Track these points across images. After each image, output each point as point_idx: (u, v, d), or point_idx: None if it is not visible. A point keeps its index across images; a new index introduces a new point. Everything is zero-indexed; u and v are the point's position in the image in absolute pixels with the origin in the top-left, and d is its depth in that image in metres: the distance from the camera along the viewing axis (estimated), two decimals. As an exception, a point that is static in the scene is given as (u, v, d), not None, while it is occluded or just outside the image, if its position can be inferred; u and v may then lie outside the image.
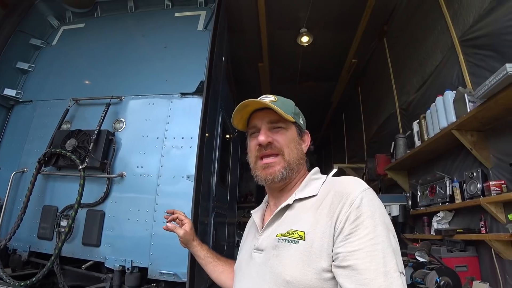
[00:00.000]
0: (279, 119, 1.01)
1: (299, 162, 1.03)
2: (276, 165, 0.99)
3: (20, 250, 2.59)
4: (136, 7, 3.54)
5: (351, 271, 0.74)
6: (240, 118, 1.07)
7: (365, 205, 0.80)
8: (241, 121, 1.09)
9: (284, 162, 0.99)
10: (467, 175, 2.38)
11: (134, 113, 2.88)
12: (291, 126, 1.04)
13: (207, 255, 1.33)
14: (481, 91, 1.93)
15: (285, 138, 1.01)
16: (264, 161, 1.01)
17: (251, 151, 1.06)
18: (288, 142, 1.01)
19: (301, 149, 1.05)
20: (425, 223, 2.97)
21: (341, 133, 7.42)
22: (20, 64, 3.29)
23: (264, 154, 1.01)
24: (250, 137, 1.07)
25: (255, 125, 1.05)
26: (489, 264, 2.24)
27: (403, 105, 3.91)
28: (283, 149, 1.00)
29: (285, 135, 1.02)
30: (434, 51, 3.15)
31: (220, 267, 1.30)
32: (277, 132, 1.02)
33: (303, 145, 1.07)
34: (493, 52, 2.25)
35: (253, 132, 1.06)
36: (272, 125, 1.02)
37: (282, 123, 1.02)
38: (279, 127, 1.02)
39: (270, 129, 1.02)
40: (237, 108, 1.03)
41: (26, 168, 2.81)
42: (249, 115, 1.07)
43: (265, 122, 1.03)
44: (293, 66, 5.55)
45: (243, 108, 1.03)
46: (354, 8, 4.16)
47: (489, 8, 2.28)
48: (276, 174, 0.98)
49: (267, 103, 0.99)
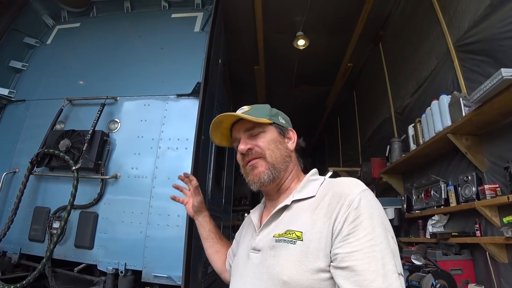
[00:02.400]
0: (254, 125, 1.04)
1: (284, 160, 1.04)
2: (259, 166, 1.02)
3: (11, 252, 2.51)
4: (132, 7, 3.51)
5: (349, 272, 0.74)
6: (221, 135, 1.14)
7: (363, 206, 0.81)
8: (224, 138, 1.15)
9: (267, 163, 1.01)
10: (462, 179, 2.40)
11: (129, 114, 2.84)
12: (269, 128, 1.06)
13: (212, 230, 1.36)
14: (476, 95, 1.95)
15: (264, 141, 1.04)
16: (249, 163, 1.04)
17: (239, 162, 1.09)
18: (268, 143, 1.03)
19: (284, 147, 1.06)
20: (420, 227, 2.98)
21: (336, 137, 7.45)
22: (13, 63, 3.22)
23: (247, 160, 1.04)
24: (237, 150, 1.09)
25: (236, 137, 1.09)
26: (484, 267, 2.25)
27: (398, 109, 3.94)
28: (264, 152, 1.02)
29: (264, 138, 1.04)
30: (429, 56, 3.18)
31: (218, 246, 1.36)
32: (257, 137, 1.05)
33: (288, 143, 1.09)
34: (487, 57, 2.28)
35: (237, 146, 1.08)
36: (250, 132, 1.06)
37: (258, 127, 1.05)
38: (258, 132, 1.05)
39: (249, 137, 1.06)
40: (211, 127, 1.08)
41: (18, 169, 2.75)
42: (230, 130, 1.12)
43: (242, 131, 1.07)
44: (289, 69, 5.57)
45: (219, 125, 1.09)
46: (350, 13, 4.21)
47: (483, 14, 2.32)
48: (262, 175, 1.01)
49: (238, 114, 1.03)
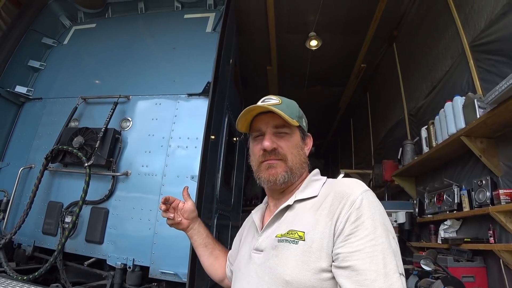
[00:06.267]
0: (284, 124, 1.00)
1: (301, 166, 1.03)
2: (278, 167, 0.99)
3: (25, 244, 2.62)
4: (146, 8, 3.59)
5: (351, 272, 0.74)
6: (244, 121, 1.07)
7: (365, 206, 0.81)
8: (245, 124, 1.08)
9: (286, 167, 0.99)
10: (476, 183, 2.33)
11: (141, 112, 2.90)
12: (295, 131, 1.04)
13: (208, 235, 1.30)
14: (491, 96, 1.89)
15: (289, 144, 1.01)
16: (268, 161, 1.00)
17: (254, 154, 1.05)
18: (292, 148, 1.01)
19: (303, 153, 1.05)
20: (432, 231, 2.91)
21: (349, 138, 7.38)
22: (31, 62, 3.35)
23: (267, 159, 1.00)
24: (254, 140, 1.06)
25: (259, 128, 1.04)
26: (497, 275, 2.18)
27: (411, 111, 3.86)
28: (286, 155, 1.00)
29: (289, 141, 1.01)
30: (444, 56, 3.11)
31: (217, 251, 1.29)
32: (282, 138, 1.01)
33: (305, 149, 1.07)
34: (504, 57, 2.21)
35: (256, 136, 1.05)
36: (277, 130, 1.01)
37: (287, 128, 1.01)
38: (284, 132, 1.01)
39: (275, 134, 1.01)
40: (242, 112, 1.03)
41: (34, 164, 2.85)
42: (253, 117, 1.06)
43: (270, 127, 1.02)
44: (302, 70, 5.55)
45: (248, 112, 1.03)
46: (363, 13, 4.16)
47: (501, 13, 2.25)
48: (278, 176, 0.98)
49: (272, 108, 0.98)
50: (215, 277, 1.29)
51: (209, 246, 1.28)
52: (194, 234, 1.28)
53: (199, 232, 1.28)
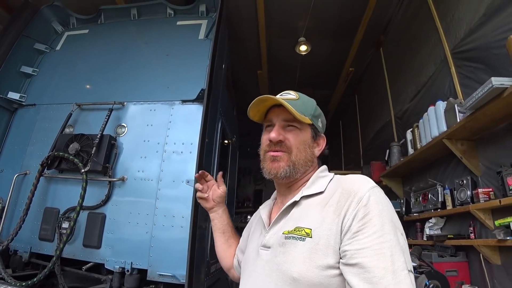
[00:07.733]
0: (294, 119, 1.01)
1: (305, 164, 1.03)
2: (281, 161, 1.01)
3: (21, 251, 2.61)
4: (139, 15, 3.62)
5: (359, 269, 0.75)
6: (257, 111, 1.09)
7: (373, 203, 0.81)
8: (258, 114, 1.11)
9: (289, 160, 1.01)
10: (458, 183, 2.47)
11: (136, 118, 2.93)
12: (306, 128, 1.05)
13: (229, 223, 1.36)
14: (469, 102, 2.02)
15: (296, 138, 1.02)
16: (272, 153, 1.03)
17: (262, 143, 1.09)
18: (299, 143, 1.02)
19: (311, 152, 1.05)
20: (418, 229, 3.05)
21: (338, 140, 7.51)
22: (24, 68, 3.34)
23: (273, 150, 1.03)
24: (265, 130, 1.10)
25: (271, 119, 1.07)
26: (478, 269, 2.31)
27: (398, 113, 4.00)
28: (292, 148, 1.01)
29: (297, 135, 1.03)
30: (427, 62, 3.26)
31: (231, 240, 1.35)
32: (290, 131, 1.03)
33: (316, 148, 1.08)
34: (482, 64, 2.35)
35: (268, 126, 1.09)
36: (286, 123, 1.03)
37: (297, 123, 1.02)
38: (293, 126, 1.03)
39: (283, 127, 1.04)
40: (254, 101, 1.04)
41: (29, 171, 2.85)
42: (267, 109, 1.09)
43: (280, 119, 1.04)
44: (292, 74, 5.66)
45: (261, 102, 1.05)
46: (351, 18, 4.28)
47: (478, 23, 2.39)
48: (280, 170, 1.00)
49: (283, 103, 0.99)
50: (224, 265, 1.35)
51: (226, 234, 1.34)
52: (216, 218, 1.34)
53: (222, 218, 1.34)
